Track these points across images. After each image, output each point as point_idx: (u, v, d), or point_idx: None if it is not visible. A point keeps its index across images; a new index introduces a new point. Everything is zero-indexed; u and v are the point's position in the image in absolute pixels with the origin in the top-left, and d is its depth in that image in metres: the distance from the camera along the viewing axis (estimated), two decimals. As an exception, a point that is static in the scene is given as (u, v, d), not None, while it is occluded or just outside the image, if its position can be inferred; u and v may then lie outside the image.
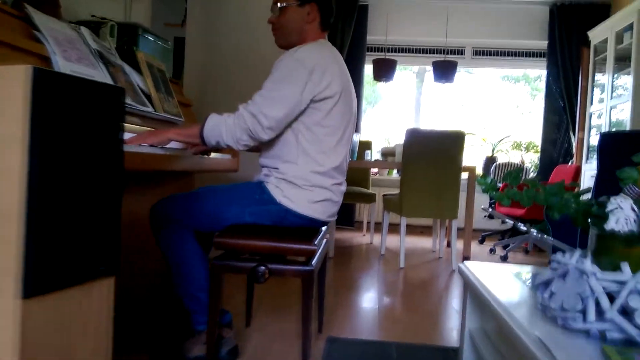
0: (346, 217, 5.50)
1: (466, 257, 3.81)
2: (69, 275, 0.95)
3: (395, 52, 5.65)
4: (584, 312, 0.63)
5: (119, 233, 1.06)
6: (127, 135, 1.71)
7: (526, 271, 1.03)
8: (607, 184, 2.63)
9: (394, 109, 6.36)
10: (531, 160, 5.93)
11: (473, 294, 0.87)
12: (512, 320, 0.67)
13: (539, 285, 0.71)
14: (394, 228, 5.41)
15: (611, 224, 0.65)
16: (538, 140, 5.58)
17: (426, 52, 5.63)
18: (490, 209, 4.91)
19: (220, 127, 1.55)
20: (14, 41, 1.36)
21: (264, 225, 1.65)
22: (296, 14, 1.68)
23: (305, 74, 1.54)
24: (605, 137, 2.88)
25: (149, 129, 1.94)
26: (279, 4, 1.69)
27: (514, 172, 0.79)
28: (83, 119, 0.95)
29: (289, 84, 1.53)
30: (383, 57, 4.61)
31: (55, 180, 0.89)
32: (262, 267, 1.51)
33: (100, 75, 1.67)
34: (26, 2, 1.64)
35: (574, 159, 5.15)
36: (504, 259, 4.04)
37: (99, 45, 1.81)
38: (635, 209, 0.65)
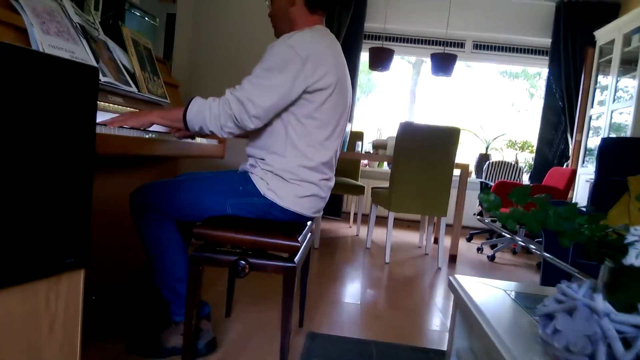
0: (333, 207, 5.45)
1: (453, 255, 3.78)
2: (32, 268, 0.88)
3: (393, 41, 5.55)
4: (592, 357, 0.57)
5: (89, 222, 0.99)
6: (107, 116, 1.63)
7: (524, 291, 0.97)
8: (604, 190, 2.60)
9: (388, 99, 6.28)
10: (525, 159, 5.90)
11: (463, 314, 0.81)
12: (507, 354, 0.61)
13: (541, 317, 0.65)
14: (380, 221, 5.38)
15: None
16: (534, 140, 5.54)
17: (425, 43, 5.54)
18: (479, 213, 4.88)
19: (204, 112, 1.47)
20: (-13, 10, 1.27)
21: (246, 218, 1.58)
22: (282, 1, 1.64)
23: (298, 63, 1.45)
24: (607, 142, 2.84)
25: (131, 109, 1.86)
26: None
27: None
28: (49, 99, 0.87)
29: (281, 72, 1.45)
30: (380, 45, 4.52)
31: (14, 165, 0.82)
32: (243, 262, 1.45)
33: (81, 50, 1.58)
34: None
35: (570, 161, 5.12)
36: (491, 259, 4.02)
37: (81, 18, 1.72)
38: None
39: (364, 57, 5.35)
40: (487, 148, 5.70)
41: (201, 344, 1.60)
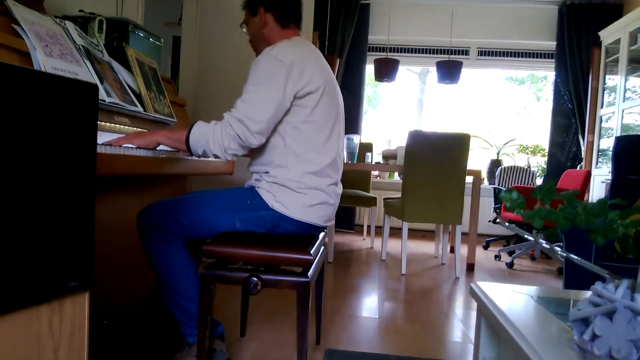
0: (346, 220, 5.40)
1: (470, 264, 3.70)
2: (34, 293, 0.85)
3: (397, 51, 5.54)
4: None
5: (92, 243, 0.96)
6: (114, 136, 1.62)
7: (549, 295, 0.91)
8: (622, 190, 2.53)
9: (396, 110, 6.26)
10: (537, 164, 5.81)
11: (489, 322, 0.76)
12: None
13: (576, 322, 0.60)
14: (395, 232, 5.31)
15: None
16: (545, 144, 5.46)
17: (430, 52, 5.52)
18: (495, 215, 4.79)
19: (207, 135, 1.46)
20: (-11, 35, 1.26)
21: (257, 232, 1.55)
22: (254, 24, 1.70)
23: (284, 71, 1.46)
24: (622, 141, 2.77)
25: (138, 129, 1.84)
26: (243, 22, 1.76)
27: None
28: (49, 118, 0.85)
29: (269, 84, 1.46)
30: (385, 56, 4.51)
31: (14, 187, 0.79)
32: (255, 279, 1.41)
33: (85, 72, 1.58)
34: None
35: (583, 163, 5.04)
36: (509, 265, 3.93)
37: (85, 41, 1.72)
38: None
39: (370, 69, 5.34)
40: (498, 154, 5.62)
41: (216, 365, 1.56)
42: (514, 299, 0.84)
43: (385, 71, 4.29)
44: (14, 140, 0.79)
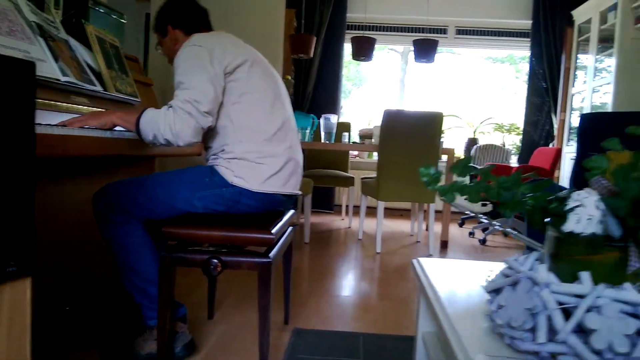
0: (325, 200, 5.40)
1: (444, 241, 3.75)
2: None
3: (376, 30, 5.49)
4: (534, 331, 0.53)
5: (32, 228, 0.93)
6: (71, 116, 1.57)
7: (490, 270, 0.92)
8: (584, 170, 2.57)
9: (379, 90, 6.23)
10: (513, 142, 5.86)
11: (425, 297, 0.76)
12: (453, 335, 0.56)
13: (491, 294, 0.60)
14: (373, 211, 5.34)
15: (570, 225, 0.54)
16: (520, 122, 5.51)
17: (408, 31, 5.48)
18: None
19: (159, 120, 1.43)
20: None
21: (218, 212, 1.53)
22: (166, 44, 1.79)
23: (206, 52, 1.50)
24: (586, 119, 2.79)
25: (98, 109, 1.80)
26: (157, 45, 1.86)
27: (463, 160, 0.68)
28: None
29: (197, 66, 1.47)
30: (362, 35, 4.46)
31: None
32: (215, 260, 1.40)
33: (37, 50, 1.52)
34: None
35: (555, 141, 5.10)
36: (482, 242, 3.98)
37: (39, 17, 1.65)
38: (601, 206, 0.54)
39: (349, 48, 5.29)
40: (474, 132, 5.65)
41: (178, 347, 1.55)
42: (450, 274, 0.85)
43: (363, 49, 4.25)
44: None
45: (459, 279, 0.81)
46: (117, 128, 1.59)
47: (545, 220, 0.58)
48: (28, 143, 0.91)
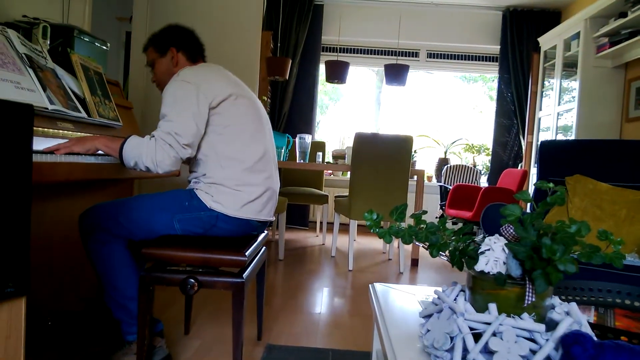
0: (300, 217, 5.52)
1: (415, 259, 3.90)
2: (-29, 298, 0.92)
3: (349, 52, 5.69)
4: (452, 351, 0.66)
5: (27, 250, 1.03)
6: (57, 142, 1.67)
7: (427, 295, 1.05)
8: (545, 190, 2.76)
9: (355, 108, 6.41)
10: (483, 162, 6.10)
11: (375, 319, 0.89)
12: (391, 354, 0.69)
13: (425, 319, 0.74)
14: (347, 228, 5.47)
15: (481, 265, 0.68)
16: (490, 143, 5.74)
17: (380, 54, 5.69)
18: (441, 212, 5.02)
19: (141, 148, 1.54)
20: None
21: (195, 234, 1.64)
22: (163, 63, 1.85)
23: (193, 89, 1.60)
24: (544, 146, 2.99)
25: (82, 134, 1.89)
26: (148, 62, 1.90)
27: (400, 207, 0.82)
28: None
29: (183, 102, 1.58)
30: (335, 58, 4.64)
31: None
32: (192, 280, 1.51)
33: (27, 80, 1.62)
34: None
35: (523, 162, 5.33)
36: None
37: (27, 48, 1.75)
38: (506, 250, 0.68)
39: (324, 68, 5.47)
40: (445, 152, 5.87)
41: (156, 361, 1.64)
42: (401, 299, 0.98)
43: (336, 73, 4.42)
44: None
45: (406, 304, 0.94)
46: (100, 152, 1.70)
47: (462, 260, 0.72)
48: (25, 173, 1.02)
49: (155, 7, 3.59)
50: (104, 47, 2.30)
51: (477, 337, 0.66)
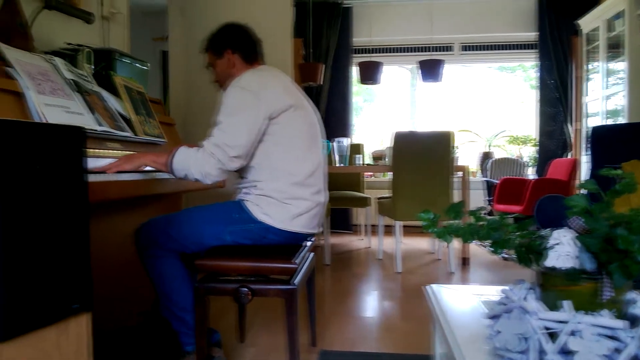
0: (343, 221, 5.49)
1: (465, 258, 3.80)
2: (42, 316, 0.96)
3: (381, 52, 5.64)
4: (526, 353, 0.63)
5: (89, 268, 1.06)
6: (106, 161, 1.72)
7: (496, 296, 1.01)
8: (602, 178, 2.64)
9: (390, 107, 6.35)
10: (529, 153, 5.90)
11: (437, 322, 0.86)
12: (460, 358, 0.66)
13: (491, 320, 0.71)
14: (391, 229, 5.40)
15: (551, 261, 0.64)
16: (535, 133, 5.55)
17: (413, 51, 5.62)
18: (488, 208, 4.89)
19: (189, 161, 1.57)
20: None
21: (246, 245, 1.65)
22: (221, 65, 1.85)
23: (253, 99, 1.59)
24: (596, 131, 2.87)
25: (129, 152, 1.94)
26: (208, 64, 1.91)
27: (457, 205, 0.79)
28: (42, 161, 0.95)
29: (241, 112, 1.58)
30: (368, 59, 4.61)
31: (18, 224, 0.90)
32: (245, 289, 1.52)
33: (75, 105, 1.68)
34: (-3, 38, 1.64)
35: (573, 151, 5.12)
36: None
37: (74, 74, 1.82)
38: (577, 243, 0.64)
39: (356, 70, 5.45)
40: (488, 146, 5.72)
41: (215, 371, 1.66)
42: (460, 300, 0.95)
43: (370, 74, 4.39)
44: (15, 185, 0.89)
45: (466, 304, 0.91)
46: (147, 168, 1.74)
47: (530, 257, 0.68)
48: (82, 195, 1.05)
49: (189, 24, 3.67)
50: (144, 67, 2.37)
51: (550, 337, 0.63)
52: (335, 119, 5.52)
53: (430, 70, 4.31)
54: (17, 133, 0.90)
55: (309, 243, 1.86)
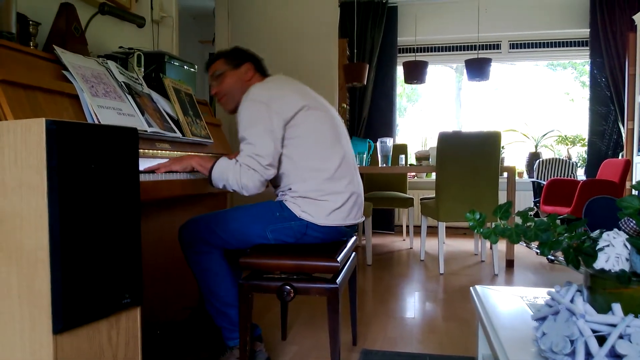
0: (385, 222, 5.47)
1: (510, 260, 3.71)
2: (95, 310, 1.01)
3: (427, 51, 5.57)
4: (573, 355, 0.61)
5: (139, 264, 1.11)
6: (156, 161, 1.79)
7: (535, 297, 0.99)
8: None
9: (434, 107, 6.26)
10: (578, 154, 5.68)
11: (481, 323, 0.85)
12: (505, 359, 0.65)
13: (538, 322, 0.69)
14: (434, 230, 5.33)
15: (601, 263, 0.62)
16: (585, 133, 5.34)
17: (459, 49, 5.52)
18: (535, 209, 4.74)
19: (228, 173, 1.61)
20: (46, 84, 1.45)
21: (287, 242, 1.68)
22: (234, 76, 1.86)
23: (265, 109, 1.63)
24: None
25: (179, 153, 2.01)
26: (216, 72, 1.88)
27: (504, 205, 0.77)
28: (97, 160, 1.00)
29: (257, 123, 1.62)
30: (413, 58, 4.57)
31: (75, 220, 0.95)
32: (287, 287, 1.54)
33: (127, 106, 1.75)
34: (55, 43, 1.74)
35: (624, 151, 4.90)
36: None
37: (125, 76, 1.90)
38: (629, 245, 0.62)
39: (401, 71, 5.40)
40: (536, 146, 5.54)
41: (257, 365, 1.70)
42: (505, 301, 0.93)
43: (415, 73, 4.35)
44: (73, 183, 0.94)
45: (512, 306, 0.89)
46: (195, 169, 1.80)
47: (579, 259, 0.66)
48: (134, 193, 1.10)
49: (236, 27, 3.75)
50: (192, 70, 2.44)
51: (599, 340, 0.61)
52: (379, 120, 5.50)
53: (476, 69, 4.22)
54: (75, 134, 0.95)
55: (350, 241, 1.86)
